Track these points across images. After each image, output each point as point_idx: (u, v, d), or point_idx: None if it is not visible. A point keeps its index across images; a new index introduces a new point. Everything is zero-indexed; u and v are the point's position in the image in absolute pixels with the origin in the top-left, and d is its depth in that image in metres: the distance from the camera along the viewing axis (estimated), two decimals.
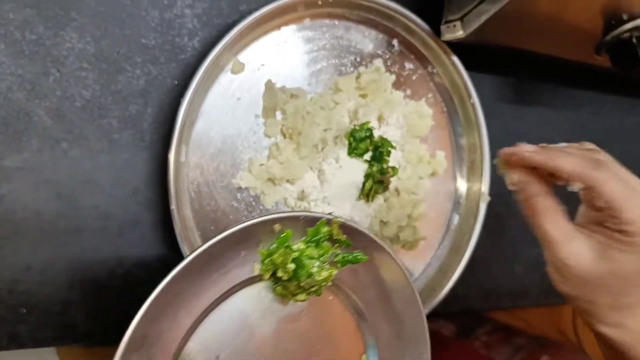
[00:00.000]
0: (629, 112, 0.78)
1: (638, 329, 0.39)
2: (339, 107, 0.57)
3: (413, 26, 0.58)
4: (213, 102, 0.53)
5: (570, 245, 0.38)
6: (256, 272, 0.42)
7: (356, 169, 0.56)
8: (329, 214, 0.44)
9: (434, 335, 0.75)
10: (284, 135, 0.55)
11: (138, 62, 0.52)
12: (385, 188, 0.57)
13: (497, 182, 0.53)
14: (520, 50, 0.61)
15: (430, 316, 0.59)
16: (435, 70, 0.61)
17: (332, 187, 0.55)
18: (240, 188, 0.54)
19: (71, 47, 0.49)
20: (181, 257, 0.50)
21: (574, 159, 0.39)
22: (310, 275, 0.42)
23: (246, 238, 0.41)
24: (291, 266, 0.41)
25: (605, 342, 0.41)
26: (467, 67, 0.60)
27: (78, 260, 0.50)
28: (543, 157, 0.40)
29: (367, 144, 0.56)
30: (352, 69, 0.58)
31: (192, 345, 0.39)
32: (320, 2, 0.55)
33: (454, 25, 0.55)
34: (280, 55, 0.56)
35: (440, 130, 0.62)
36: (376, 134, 0.57)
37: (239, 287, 0.42)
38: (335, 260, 0.44)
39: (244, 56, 0.54)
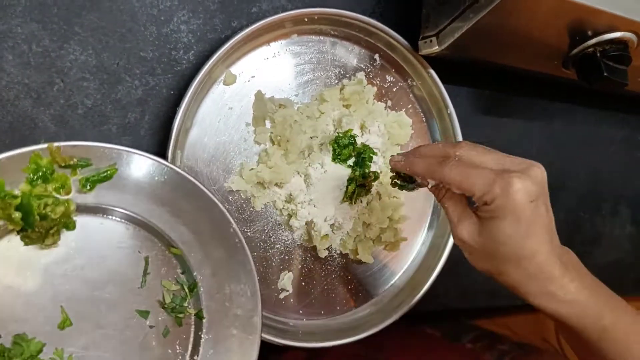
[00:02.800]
0: (599, 122, 0.82)
1: (560, 294, 0.42)
2: (324, 117, 0.61)
3: (393, 42, 0.62)
4: (207, 111, 0.57)
5: (462, 224, 0.44)
6: None
7: (340, 174, 0.60)
8: (43, 141, 0.38)
9: (421, 334, 0.76)
10: (273, 142, 0.59)
11: (137, 73, 0.55)
12: (368, 191, 0.61)
13: None
14: (494, 63, 0.66)
15: (412, 317, 0.62)
16: (414, 83, 0.65)
17: (318, 191, 0.59)
18: (231, 191, 0.58)
19: (74, 59, 0.53)
20: None
21: (424, 163, 0.45)
22: (44, 216, 0.35)
23: None
24: (17, 215, 0.35)
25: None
26: (445, 80, 0.64)
27: None
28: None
29: (350, 150, 0.60)
30: (336, 81, 0.62)
31: None
32: (306, 20, 0.59)
33: (431, 41, 0.59)
34: (269, 68, 0.60)
35: (419, 139, 0.66)
36: (359, 141, 0.61)
37: None
38: (84, 184, 0.40)
39: (235, 68, 0.58)
